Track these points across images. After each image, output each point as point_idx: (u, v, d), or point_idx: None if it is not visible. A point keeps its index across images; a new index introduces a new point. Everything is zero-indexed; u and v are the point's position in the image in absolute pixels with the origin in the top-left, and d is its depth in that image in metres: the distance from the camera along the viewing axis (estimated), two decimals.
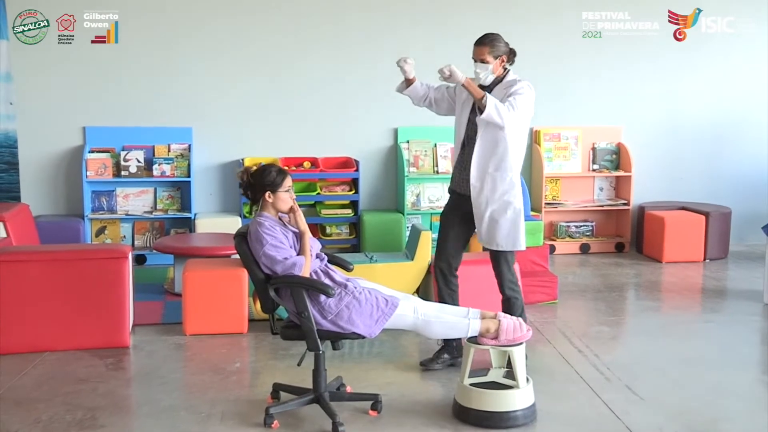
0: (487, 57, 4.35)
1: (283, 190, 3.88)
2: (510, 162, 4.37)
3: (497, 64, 4.38)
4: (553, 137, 8.08)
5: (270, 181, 3.87)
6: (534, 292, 5.92)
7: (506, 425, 3.77)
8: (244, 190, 3.98)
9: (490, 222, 4.40)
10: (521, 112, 4.27)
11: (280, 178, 3.88)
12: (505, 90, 4.35)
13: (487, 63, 4.35)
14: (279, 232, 3.81)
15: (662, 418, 3.92)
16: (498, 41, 4.38)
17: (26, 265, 4.89)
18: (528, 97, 4.31)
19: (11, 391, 4.27)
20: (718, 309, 6.16)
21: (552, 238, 8.06)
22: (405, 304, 3.88)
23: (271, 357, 4.89)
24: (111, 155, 7.42)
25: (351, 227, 7.75)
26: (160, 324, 5.51)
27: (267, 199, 3.87)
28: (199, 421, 3.88)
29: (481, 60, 4.36)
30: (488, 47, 4.35)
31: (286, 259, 3.73)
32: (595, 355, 4.91)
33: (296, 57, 7.73)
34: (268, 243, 3.74)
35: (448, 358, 4.57)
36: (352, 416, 3.91)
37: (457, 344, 4.55)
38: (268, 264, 3.75)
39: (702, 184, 8.40)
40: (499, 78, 4.43)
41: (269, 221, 3.83)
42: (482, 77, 4.38)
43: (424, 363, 4.57)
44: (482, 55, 4.35)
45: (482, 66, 4.36)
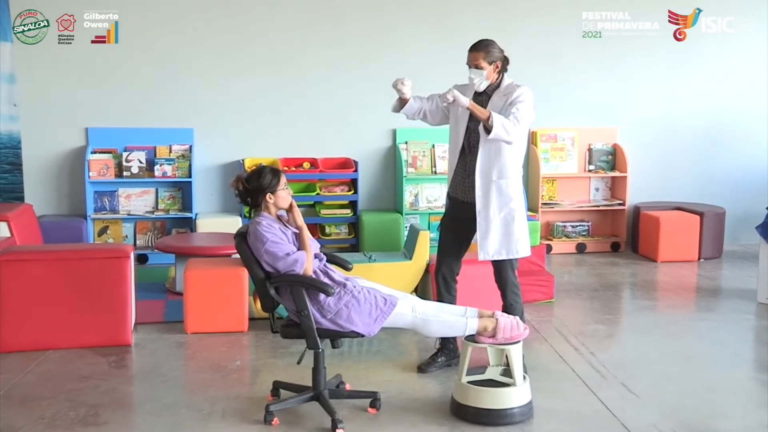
0: (482, 62, 4.31)
1: (281, 188, 3.93)
2: (513, 168, 4.35)
3: (491, 69, 4.34)
4: (549, 138, 8.13)
5: (267, 182, 3.91)
6: (531, 291, 5.96)
7: (503, 422, 3.79)
8: (242, 198, 4.00)
9: (501, 230, 4.35)
10: (525, 121, 4.25)
11: (276, 178, 3.93)
12: (505, 97, 4.32)
13: (482, 69, 4.32)
14: (278, 230, 3.85)
15: (657, 415, 3.95)
16: (492, 47, 4.34)
17: (30, 264, 4.92)
18: (529, 103, 4.29)
19: (15, 389, 4.30)
20: (712, 308, 6.20)
21: (549, 237, 8.11)
22: (403, 303, 3.90)
23: (271, 355, 4.92)
24: (113, 156, 7.46)
25: (350, 227, 7.80)
26: (162, 322, 5.55)
27: (268, 201, 3.92)
28: (200, 418, 3.91)
29: (476, 65, 4.32)
30: (483, 52, 4.31)
31: (287, 255, 3.77)
32: (591, 353, 4.95)
33: (296, 59, 7.77)
34: (269, 240, 3.78)
35: (445, 360, 4.56)
36: (351, 413, 3.93)
37: (453, 346, 4.56)
38: (270, 261, 3.79)
39: (696, 185, 8.45)
40: (495, 84, 4.40)
41: (267, 220, 3.88)
42: (477, 83, 4.35)
43: (421, 366, 4.55)
44: (477, 60, 4.32)
45: (476, 72, 4.33)
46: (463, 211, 4.45)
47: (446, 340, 4.56)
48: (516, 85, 4.34)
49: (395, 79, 4.36)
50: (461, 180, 4.47)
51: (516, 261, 4.46)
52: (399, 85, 4.35)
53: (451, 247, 4.54)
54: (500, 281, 4.47)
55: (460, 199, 4.49)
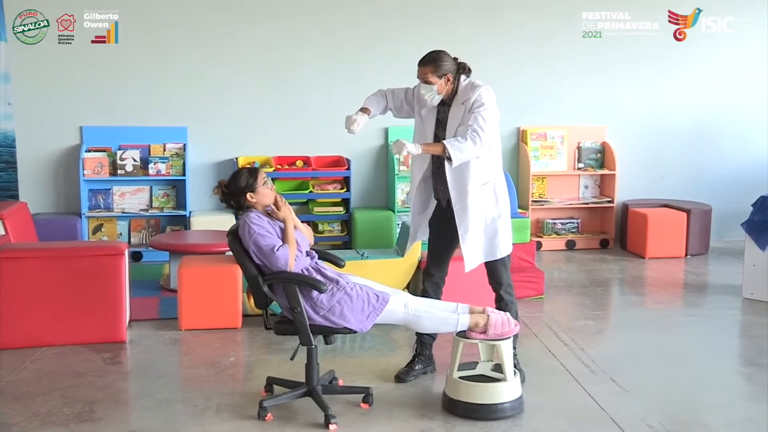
0: (431, 77, 4.12)
1: (260, 186, 3.97)
2: (486, 171, 4.19)
3: (442, 83, 4.13)
4: (539, 136, 8.19)
5: (245, 183, 3.96)
6: (521, 288, 5.98)
7: (494, 417, 3.83)
8: (226, 203, 4.06)
9: (483, 237, 4.23)
10: (489, 126, 4.05)
11: (252, 177, 3.97)
12: (463, 105, 4.13)
13: (432, 83, 4.13)
14: (266, 223, 3.88)
15: (645, 409, 4.00)
16: (441, 60, 4.12)
17: (25, 262, 4.94)
18: (489, 105, 4.08)
19: (10, 386, 4.31)
20: (699, 303, 6.27)
21: (539, 234, 8.17)
22: (395, 300, 3.92)
23: (264, 351, 4.95)
24: (107, 154, 7.48)
25: (342, 224, 7.83)
26: (156, 319, 5.57)
27: (251, 200, 3.96)
28: (194, 414, 3.93)
29: (425, 81, 4.14)
30: (431, 67, 4.11)
31: (272, 249, 3.79)
32: (581, 348, 5.00)
33: (289, 58, 7.79)
34: (255, 233, 3.81)
35: (422, 368, 4.44)
36: (344, 409, 3.96)
37: (429, 352, 4.48)
38: (257, 253, 3.82)
39: (684, 183, 8.51)
40: (452, 92, 4.20)
41: (256, 213, 3.92)
42: (428, 98, 4.17)
43: (399, 376, 4.39)
44: (425, 76, 4.13)
45: (426, 87, 4.15)
46: (447, 214, 4.28)
47: (423, 346, 4.46)
48: (473, 87, 4.14)
49: (346, 122, 4.26)
50: (439, 184, 4.32)
51: (508, 259, 4.35)
52: (351, 126, 4.25)
53: (442, 251, 4.42)
54: (494, 282, 4.37)
55: (442, 205, 4.35)
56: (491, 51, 7.96)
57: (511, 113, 8.08)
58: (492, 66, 7.76)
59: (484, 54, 7.78)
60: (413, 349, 4.53)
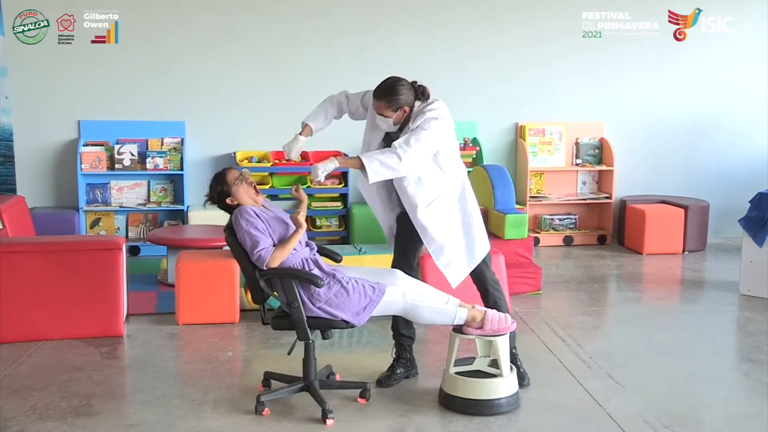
0: (386, 112, 3.99)
1: (234, 187, 3.98)
2: (443, 181, 4.07)
3: (399, 114, 3.99)
4: (537, 132, 8.19)
5: (219, 190, 4.00)
6: (519, 283, 6.03)
7: (491, 412, 3.84)
8: (221, 208, 4.08)
9: (459, 246, 4.12)
10: (422, 148, 3.87)
11: (221, 183, 4.00)
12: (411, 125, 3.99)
13: (387, 117, 4.01)
14: (258, 219, 3.86)
15: (642, 405, 4.01)
16: (397, 93, 3.95)
17: (22, 256, 4.95)
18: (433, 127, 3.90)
19: (8, 380, 4.32)
20: (696, 299, 6.29)
21: (536, 230, 8.18)
22: (393, 290, 3.87)
23: (262, 346, 4.96)
24: (105, 148, 7.48)
25: (340, 219, 7.84)
26: (154, 314, 5.58)
27: (233, 203, 3.99)
28: (192, 409, 3.94)
29: (380, 114, 4.01)
30: (385, 102, 3.97)
31: (252, 249, 3.78)
32: (578, 344, 5.01)
33: (287, 52, 7.79)
34: (243, 229, 3.82)
35: (403, 372, 4.33)
36: (341, 404, 3.97)
37: (410, 356, 4.39)
38: (245, 246, 3.84)
39: (681, 179, 8.52)
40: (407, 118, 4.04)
41: (247, 209, 3.90)
42: (384, 128, 4.06)
43: (381, 380, 4.27)
44: (380, 110, 4.00)
45: (381, 119, 4.02)
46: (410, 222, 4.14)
47: (402, 348, 4.35)
48: (424, 111, 3.97)
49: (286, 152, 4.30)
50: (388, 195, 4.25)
51: (488, 256, 4.22)
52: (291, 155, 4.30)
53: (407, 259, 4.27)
54: (478, 282, 4.24)
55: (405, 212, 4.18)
56: (492, 49, 7.95)
57: (510, 109, 8.10)
58: (492, 63, 7.80)
59: (485, 52, 7.81)
60: (392, 353, 4.39)
